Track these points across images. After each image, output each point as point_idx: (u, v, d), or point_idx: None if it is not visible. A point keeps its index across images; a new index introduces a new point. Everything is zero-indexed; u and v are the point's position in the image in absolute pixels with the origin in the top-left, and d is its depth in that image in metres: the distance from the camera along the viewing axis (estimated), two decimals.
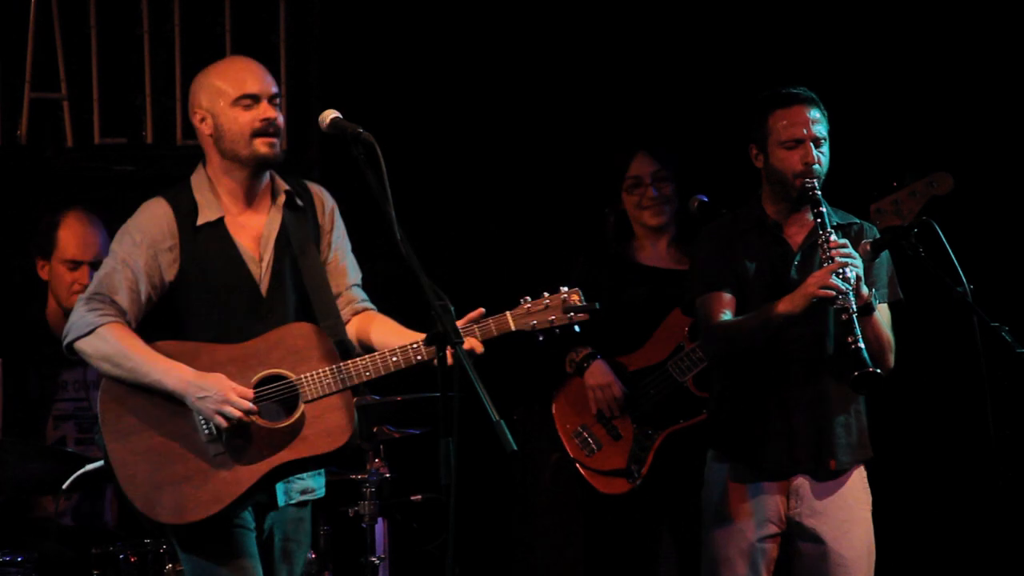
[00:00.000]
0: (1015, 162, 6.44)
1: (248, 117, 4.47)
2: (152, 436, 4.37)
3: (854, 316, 4.71)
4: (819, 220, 4.87)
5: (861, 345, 4.69)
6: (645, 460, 5.66)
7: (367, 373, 4.38)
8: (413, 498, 5.90)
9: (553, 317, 4.34)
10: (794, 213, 5.03)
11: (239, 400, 4.32)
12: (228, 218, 4.51)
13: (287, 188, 4.58)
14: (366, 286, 4.70)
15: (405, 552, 6.07)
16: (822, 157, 4.95)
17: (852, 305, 4.72)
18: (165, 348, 4.39)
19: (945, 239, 4.73)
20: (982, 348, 4.66)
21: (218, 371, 4.36)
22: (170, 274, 4.46)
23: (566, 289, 4.37)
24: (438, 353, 4.03)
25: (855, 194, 4.97)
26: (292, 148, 4.71)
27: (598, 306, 4.38)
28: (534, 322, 4.34)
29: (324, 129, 4.31)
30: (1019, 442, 5.77)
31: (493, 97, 6.75)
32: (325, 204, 4.63)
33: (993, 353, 4.65)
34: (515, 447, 3.81)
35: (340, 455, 4.43)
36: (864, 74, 6.56)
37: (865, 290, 4.79)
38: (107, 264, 4.47)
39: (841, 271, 4.73)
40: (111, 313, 4.39)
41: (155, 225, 4.47)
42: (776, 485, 4.99)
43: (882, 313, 4.94)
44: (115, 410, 4.40)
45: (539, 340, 4.38)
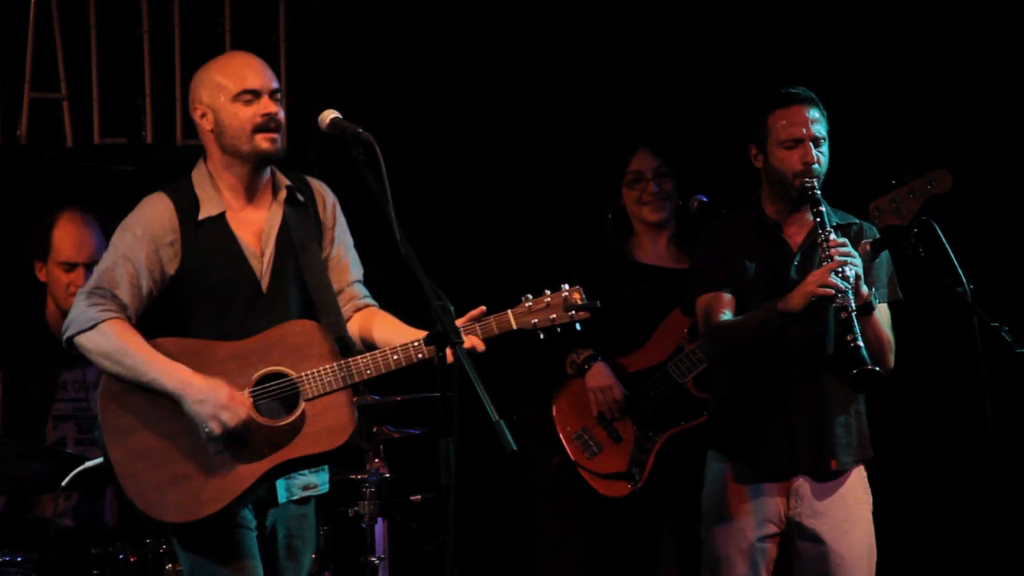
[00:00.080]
0: (1015, 161, 6.44)
1: (248, 113, 4.45)
2: (152, 434, 4.35)
3: (853, 315, 4.71)
4: (818, 219, 4.87)
5: (860, 343, 4.69)
6: (646, 463, 5.66)
7: (368, 371, 4.36)
8: (413, 498, 5.89)
9: (554, 315, 4.33)
10: (794, 213, 5.04)
11: (236, 407, 4.30)
12: (229, 213, 4.49)
13: (288, 183, 4.56)
14: (367, 286, 4.69)
15: (405, 552, 6.07)
16: (821, 157, 4.95)
17: (851, 304, 4.72)
18: (166, 345, 4.37)
19: (945, 239, 4.73)
20: (982, 348, 4.66)
21: (219, 368, 4.35)
22: (171, 268, 4.44)
23: (567, 287, 4.35)
24: (438, 353, 4.03)
25: (854, 193, 4.97)
26: (292, 148, 4.71)
27: (599, 304, 4.37)
28: (535, 320, 4.33)
29: (324, 129, 4.31)
30: (1019, 442, 5.76)
31: (493, 97, 6.75)
32: (327, 200, 4.62)
33: (993, 353, 4.64)
34: (515, 447, 3.81)
35: (340, 453, 4.41)
36: (863, 73, 6.56)
37: (865, 289, 4.79)
38: (108, 258, 4.44)
39: (840, 270, 4.73)
40: (112, 309, 4.37)
41: (156, 220, 4.45)
42: (776, 485, 4.99)
43: (882, 313, 4.94)
44: (115, 408, 4.38)
45: (540, 338, 4.37)
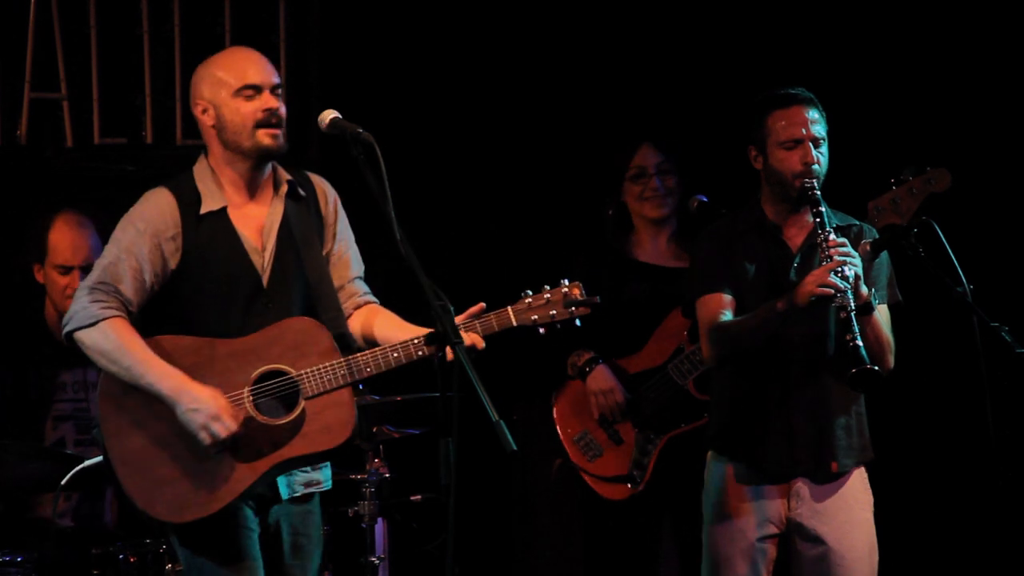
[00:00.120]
0: (1014, 161, 6.44)
1: (250, 108, 4.44)
2: (152, 433, 4.34)
3: (852, 314, 4.71)
4: (818, 220, 4.87)
5: (859, 343, 4.69)
6: (647, 465, 5.65)
7: (368, 369, 4.34)
8: (413, 498, 5.89)
9: (554, 312, 4.32)
10: (793, 214, 5.03)
11: (228, 420, 4.28)
12: (231, 208, 4.48)
13: (289, 178, 4.55)
14: (367, 285, 4.68)
15: (405, 552, 6.06)
16: (821, 157, 4.95)
17: (850, 303, 4.72)
18: (165, 344, 4.36)
19: (945, 239, 4.73)
20: (982, 348, 4.65)
21: (218, 366, 4.34)
22: (173, 263, 4.42)
23: (567, 283, 4.34)
24: (437, 352, 4.02)
25: (853, 192, 4.96)
26: (292, 148, 4.71)
27: (599, 300, 4.36)
28: (535, 317, 4.32)
29: (324, 129, 4.31)
30: (1019, 442, 5.76)
31: (493, 97, 6.75)
32: (328, 195, 4.60)
33: (993, 353, 4.64)
34: (515, 447, 3.80)
35: (341, 451, 4.41)
36: (863, 73, 6.56)
37: (864, 289, 4.79)
38: (110, 252, 4.42)
39: (840, 269, 4.72)
40: (114, 306, 4.35)
41: (158, 214, 4.43)
42: (777, 487, 4.98)
43: (882, 314, 4.94)
44: (114, 407, 4.37)
45: (540, 334, 4.35)
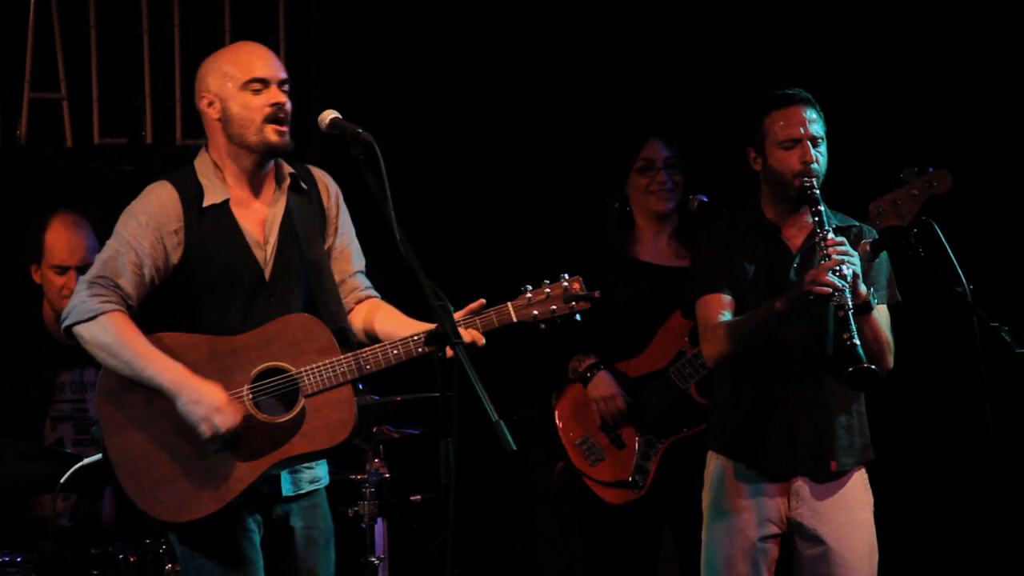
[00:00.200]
0: (1014, 161, 6.44)
1: (258, 102, 4.41)
2: (151, 432, 4.32)
3: (850, 313, 4.71)
4: (817, 219, 4.87)
5: (856, 341, 4.68)
6: (649, 470, 5.65)
7: (368, 366, 4.32)
8: (413, 498, 5.89)
9: (555, 307, 4.31)
10: (793, 215, 5.03)
11: (229, 413, 4.26)
12: (233, 202, 4.45)
13: (292, 172, 4.52)
14: None
15: (405, 552, 6.06)
16: (820, 156, 4.94)
17: (848, 302, 4.72)
18: (165, 340, 4.34)
19: (945, 239, 4.73)
20: (982, 348, 4.65)
21: (218, 363, 4.32)
22: (175, 257, 4.40)
23: (567, 277, 4.33)
24: (437, 352, 4.02)
25: (854, 193, 4.96)
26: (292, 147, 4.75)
27: (599, 294, 4.34)
28: (535, 312, 4.31)
29: (323, 129, 4.30)
30: (1019, 442, 5.76)
31: (492, 96, 6.75)
32: (330, 189, 4.58)
33: (993, 353, 4.64)
34: (515, 447, 3.80)
35: (340, 449, 4.39)
36: (863, 74, 6.56)
37: (863, 288, 4.78)
38: (111, 246, 4.39)
39: (838, 268, 4.72)
40: (113, 300, 4.33)
41: (160, 208, 4.40)
42: (777, 486, 4.98)
43: (881, 314, 4.94)
44: (113, 406, 4.35)
45: (540, 328, 4.34)
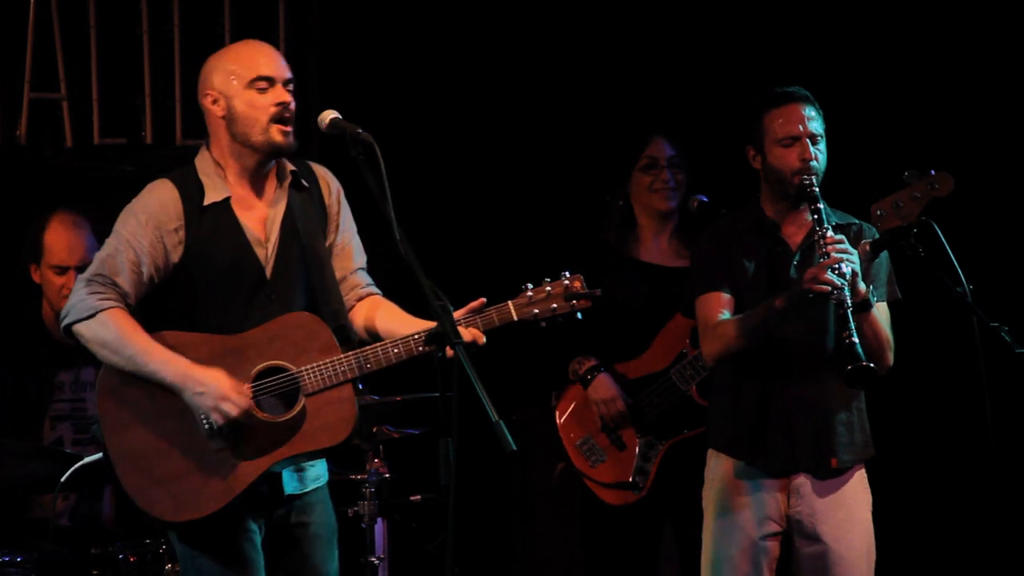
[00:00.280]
0: (1014, 161, 6.44)
1: (263, 101, 4.39)
2: (151, 431, 4.31)
3: (849, 311, 4.71)
4: (816, 217, 4.87)
5: (855, 339, 4.68)
6: (649, 471, 5.64)
7: (368, 365, 4.31)
8: (412, 498, 5.88)
9: (555, 305, 4.29)
10: (793, 212, 5.03)
11: (237, 397, 4.25)
12: (234, 200, 4.43)
13: (293, 169, 4.51)
14: None
15: (404, 552, 6.06)
16: (819, 154, 4.95)
17: (847, 300, 4.72)
18: (166, 339, 4.32)
19: (944, 239, 4.73)
20: (981, 348, 4.65)
21: (217, 363, 4.30)
22: (175, 256, 4.38)
23: (568, 275, 4.32)
24: (437, 352, 4.01)
25: (856, 195, 4.96)
26: None
27: (600, 292, 4.33)
28: (536, 311, 4.29)
29: (323, 129, 4.29)
30: (1019, 442, 5.76)
31: (492, 96, 6.75)
32: (331, 186, 4.56)
33: (992, 353, 4.64)
34: (514, 447, 3.80)
35: (340, 449, 4.39)
36: (865, 75, 6.56)
37: (862, 286, 4.78)
38: (110, 244, 4.38)
39: (837, 266, 4.73)
40: (112, 297, 4.31)
41: (161, 207, 4.38)
42: (777, 483, 4.98)
43: (881, 312, 4.94)
44: (114, 405, 4.34)
45: (541, 326, 4.32)
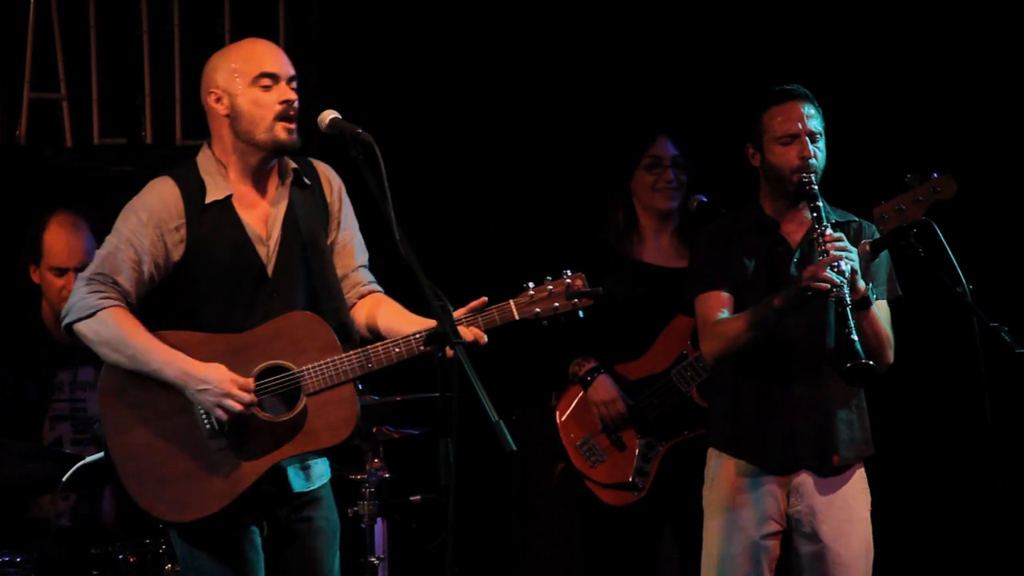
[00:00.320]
0: (1014, 161, 6.44)
1: (268, 99, 4.37)
2: (153, 431, 4.30)
3: (848, 309, 4.72)
4: (815, 215, 4.87)
5: (854, 337, 4.69)
6: (649, 472, 5.65)
7: (369, 364, 4.30)
8: (412, 498, 5.88)
9: (557, 304, 4.28)
10: (792, 210, 5.04)
11: (240, 393, 4.24)
12: (236, 198, 4.42)
13: (295, 166, 4.49)
14: None
15: (404, 552, 6.06)
16: (818, 152, 4.95)
17: (847, 297, 4.72)
18: (167, 338, 4.31)
19: (944, 239, 4.73)
20: (981, 348, 4.65)
21: (218, 361, 4.29)
22: (176, 255, 4.37)
23: (569, 273, 4.31)
24: (437, 352, 4.01)
25: (859, 198, 4.96)
26: None
27: (602, 290, 4.32)
28: (538, 310, 4.28)
29: (323, 130, 4.28)
30: (1019, 442, 5.76)
31: (492, 96, 6.75)
32: (332, 183, 4.55)
33: (992, 353, 4.64)
34: (514, 447, 3.80)
35: (341, 448, 4.38)
36: (869, 77, 6.56)
37: (861, 283, 4.79)
38: (110, 242, 4.37)
39: (836, 264, 4.73)
40: (113, 296, 4.30)
41: (162, 205, 4.37)
42: (777, 481, 4.98)
43: (881, 310, 4.94)
44: (115, 405, 4.33)
45: (543, 324, 4.31)
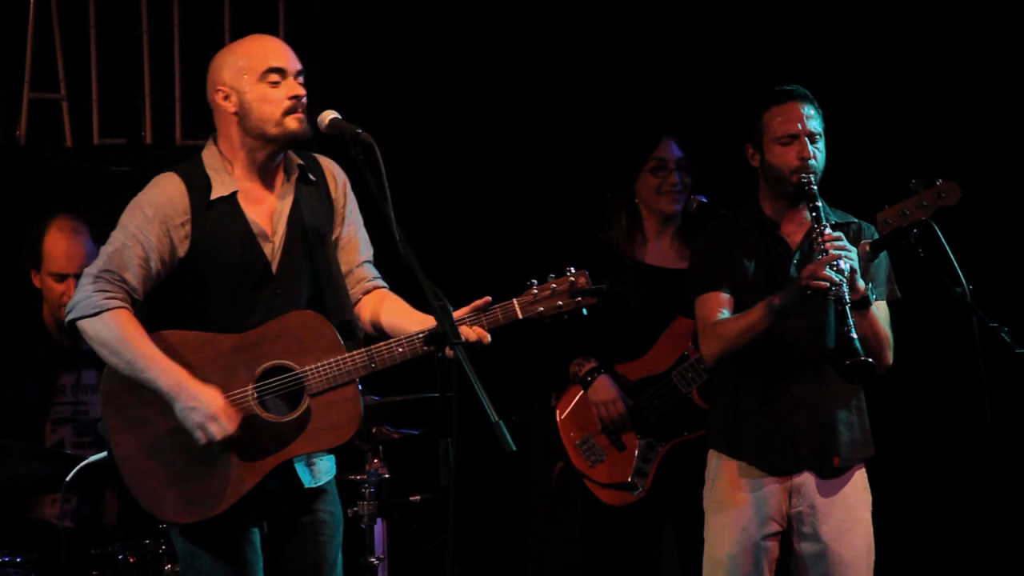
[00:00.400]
0: (1014, 162, 6.44)
1: (277, 95, 4.34)
2: (156, 432, 4.30)
3: (847, 307, 4.72)
4: (814, 215, 4.87)
5: (854, 335, 4.69)
6: (648, 472, 5.64)
7: (372, 364, 4.29)
8: (412, 498, 5.89)
9: (561, 303, 4.27)
10: (791, 211, 5.04)
11: (225, 422, 4.23)
12: (241, 194, 4.40)
13: (300, 163, 4.48)
14: None
15: (404, 552, 6.06)
16: (818, 153, 4.95)
17: (846, 296, 4.72)
18: (169, 338, 4.31)
19: (944, 239, 4.73)
20: (981, 348, 4.65)
21: (222, 362, 4.29)
22: (181, 251, 4.36)
23: (573, 271, 4.30)
24: (437, 353, 4.01)
25: (864, 202, 4.96)
26: None
27: (606, 288, 4.31)
28: (541, 309, 4.27)
29: (323, 130, 4.28)
30: (1018, 442, 5.77)
31: (492, 96, 6.75)
32: (337, 179, 4.53)
33: (992, 353, 4.64)
34: (514, 447, 3.80)
35: (344, 449, 4.38)
36: (866, 75, 6.57)
37: (860, 283, 4.79)
38: (116, 239, 4.35)
39: (835, 263, 4.73)
40: (119, 296, 4.29)
41: (167, 201, 4.36)
42: (778, 484, 4.99)
43: (880, 310, 4.95)
44: (118, 405, 4.33)
45: (546, 322, 4.29)
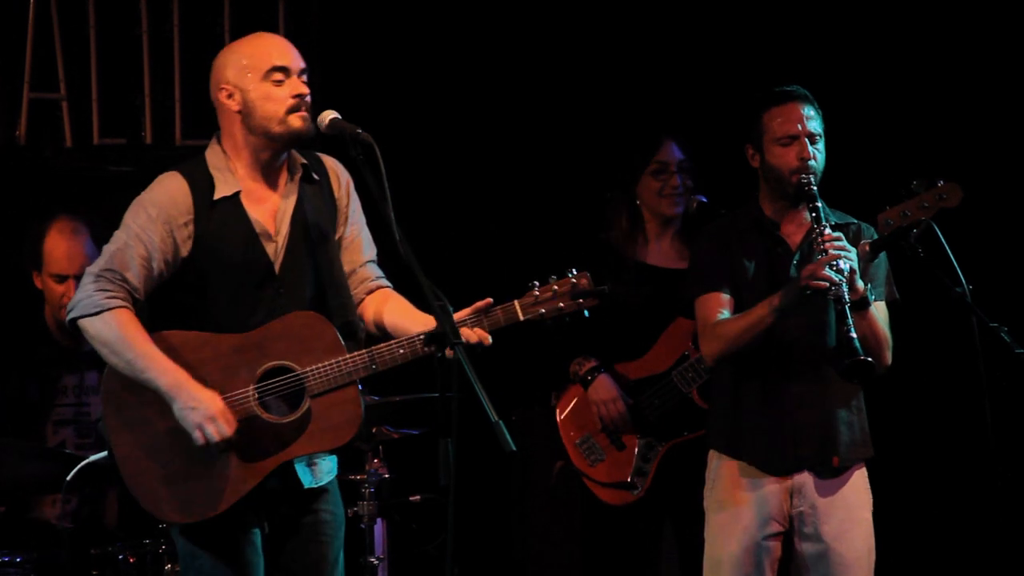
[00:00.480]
0: (1014, 162, 6.44)
1: (281, 94, 4.33)
2: (157, 432, 4.30)
3: (847, 307, 4.72)
4: (814, 215, 4.88)
5: (853, 335, 4.70)
6: (648, 472, 5.64)
7: (374, 365, 4.29)
8: (412, 499, 5.89)
9: (562, 304, 4.26)
10: (791, 211, 5.04)
11: (223, 424, 4.23)
12: (244, 194, 4.40)
13: (303, 162, 4.47)
14: None
15: (404, 552, 6.06)
16: (818, 154, 4.95)
17: (845, 296, 4.73)
18: (171, 339, 4.31)
19: (944, 239, 4.73)
20: (981, 348, 4.65)
21: (223, 362, 4.29)
22: (184, 251, 4.35)
23: (575, 272, 4.29)
24: (437, 353, 4.01)
25: (864, 204, 4.96)
26: None
27: (607, 289, 4.31)
28: (542, 310, 4.26)
29: (323, 130, 4.27)
30: (1018, 442, 5.77)
31: (493, 96, 6.75)
32: (340, 178, 4.53)
33: (992, 353, 4.64)
34: (514, 447, 3.80)
35: (345, 449, 4.38)
36: (867, 75, 6.57)
37: (860, 283, 4.80)
38: (119, 238, 4.34)
39: (834, 263, 4.73)
40: (120, 296, 4.29)
41: (171, 200, 4.35)
42: (779, 484, 4.99)
43: (879, 311, 4.95)
44: (119, 405, 4.33)
45: (547, 323, 4.29)
